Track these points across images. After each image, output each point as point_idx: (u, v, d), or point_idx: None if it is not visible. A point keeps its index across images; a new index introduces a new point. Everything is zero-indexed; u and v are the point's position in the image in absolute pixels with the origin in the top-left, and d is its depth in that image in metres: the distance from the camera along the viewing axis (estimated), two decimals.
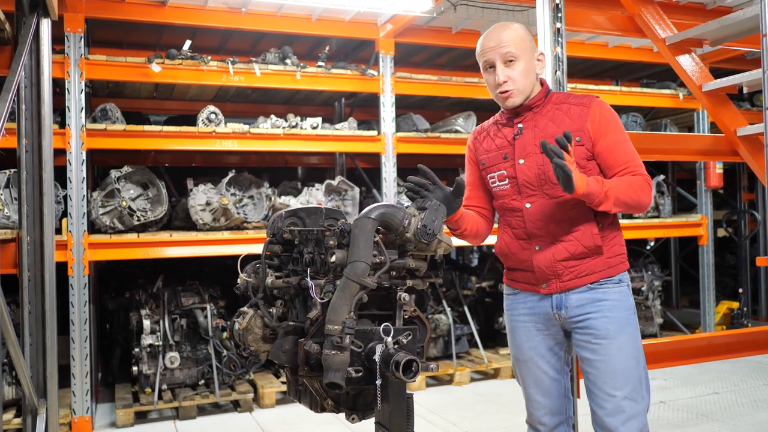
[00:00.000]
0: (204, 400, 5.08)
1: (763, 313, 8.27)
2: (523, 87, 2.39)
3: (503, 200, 2.48)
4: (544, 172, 2.36)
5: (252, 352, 2.18)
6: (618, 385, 2.31)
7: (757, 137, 3.59)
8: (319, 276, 2.05)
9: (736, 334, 4.69)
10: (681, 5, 4.63)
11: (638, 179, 2.31)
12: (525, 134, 2.41)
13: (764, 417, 4.63)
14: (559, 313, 2.40)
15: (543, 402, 2.49)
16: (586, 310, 2.36)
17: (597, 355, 2.34)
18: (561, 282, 2.38)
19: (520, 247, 2.44)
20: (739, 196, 8.89)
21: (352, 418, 2.08)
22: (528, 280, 2.46)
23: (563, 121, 2.37)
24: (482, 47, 2.45)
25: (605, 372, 2.32)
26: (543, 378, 2.48)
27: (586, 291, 2.37)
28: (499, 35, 2.41)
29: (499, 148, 2.48)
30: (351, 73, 5.67)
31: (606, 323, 2.33)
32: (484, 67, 2.45)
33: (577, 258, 2.36)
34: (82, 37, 4.78)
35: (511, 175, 2.42)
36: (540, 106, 2.43)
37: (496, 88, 2.41)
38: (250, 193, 5.57)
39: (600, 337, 2.33)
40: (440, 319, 6.04)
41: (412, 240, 2.05)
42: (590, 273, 2.36)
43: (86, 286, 4.72)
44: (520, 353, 2.53)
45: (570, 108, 2.39)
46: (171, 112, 6.65)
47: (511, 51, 2.37)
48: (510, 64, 2.38)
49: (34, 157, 3.54)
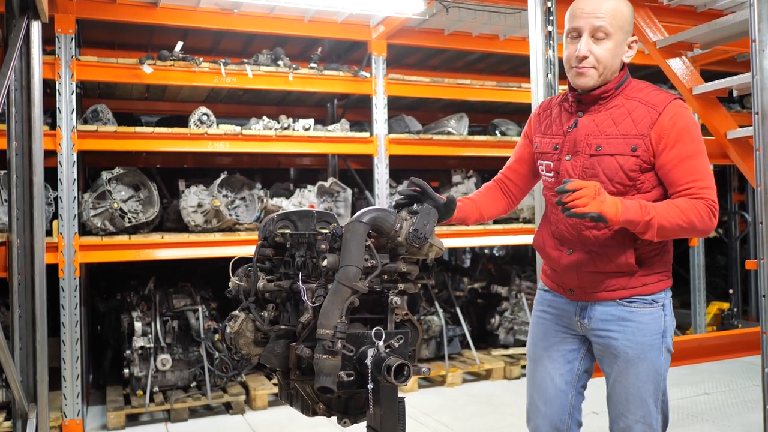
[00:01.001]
0: (196, 403, 5.06)
1: (753, 314, 8.32)
2: (603, 69, 2.14)
3: (547, 193, 2.35)
4: (589, 176, 2.16)
5: (244, 355, 2.18)
6: (631, 408, 2.24)
7: (746, 140, 3.62)
8: (310, 280, 2.05)
9: (726, 335, 4.73)
10: (671, 8, 4.64)
11: (697, 203, 2.04)
12: (580, 129, 2.20)
13: (755, 418, 4.66)
14: (582, 321, 2.30)
15: (543, 410, 2.40)
16: (609, 327, 2.24)
17: (614, 373, 2.26)
18: (586, 292, 2.27)
19: (553, 246, 2.32)
20: (730, 197, 8.94)
21: (343, 421, 2.08)
22: (557, 281, 2.36)
23: (624, 122, 2.13)
24: (575, 10, 2.16)
25: (621, 393, 2.26)
26: (548, 384, 2.39)
27: (613, 306, 2.23)
28: (599, 2, 2.12)
29: (553, 136, 2.29)
30: (343, 74, 5.67)
31: (626, 347, 2.21)
32: (568, 33, 2.18)
33: (607, 274, 2.21)
34: (73, 38, 4.76)
35: (556, 170, 2.25)
36: (608, 98, 2.18)
37: (573, 60, 2.15)
38: (242, 195, 5.56)
39: (619, 359, 2.23)
40: (432, 321, 6.04)
41: (403, 244, 2.05)
42: (620, 288, 2.21)
43: (77, 288, 4.70)
44: (533, 350, 2.45)
45: (637, 107, 2.13)
46: (163, 113, 6.63)
47: (605, 26, 2.11)
48: (599, 40, 2.12)
49: (25, 160, 3.53)
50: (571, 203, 1.95)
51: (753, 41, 2.65)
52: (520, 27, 5.79)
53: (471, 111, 6.52)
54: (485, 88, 6.15)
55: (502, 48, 6.30)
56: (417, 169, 7.36)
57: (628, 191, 2.14)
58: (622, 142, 2.12)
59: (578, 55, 2.12)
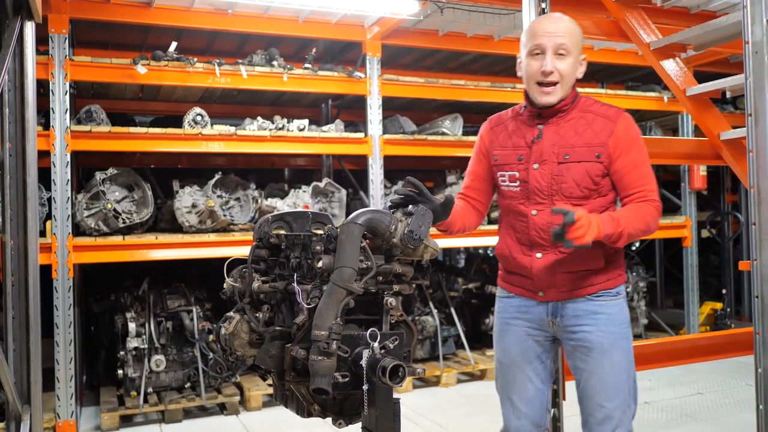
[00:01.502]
0: (190, 404, 5.05)
1: (746, 314, 8.36)
2: (565, 84, 2.32)
3: (510, 201, 2.44)
4: (558, 182, 2.31)
5: (238, 356, 2.18)
6: (609, 396, 2.34)
7: (740, 141, 3.63)
8: (305, 281, 2.05)
9: (719, 335, 4.75)
10: (665, 9, 4.65)
11: (648, 207, 2.29)
12: (544, 140, 2.35)
13: (747, 417, 4.68)
14: (554, 320, 2.40)
15: (525, 411, 2.46)
16: (581, 322, 2.36)
17: (589, 366, 2.37)
18: (559, 291, 2.38)
19: (521, 252, 2.41)
20: (723, 198, 8.98)
21: (338, 422, 2.08)
22: (525, 285, 2.45)
23: (585, 132, 2.32)
24: (536, 29, 2.33)
25: (596, 384, 2.36)
26: (528, 386, 2.46)
27: (583, 302, 2.37)
28: (558, 23, 2.32)
29: (515, 148, 2.41)
30: (338, 75, 5.67)
31: (601, 338, 2.34)
32: (530, 51, 2.33)
33: (574, 272, 2.35)
34: (67, 38, 4.74)
35: (523, 179, 2.37)
36: (566, 111, 2.36)
37: (537, 77, 2.30)
38: (237, 195, 5.55)
39: (594, 350, 2.34)
40: (427, 321, 6.05)
41: (398, 245, 2.06)
42: (590, 285, 2.36)
43: (71, 289, 4.69)
44: (507, 357, 2.50)
45: (595, 119, 2.33)
46: (157, 113, 6.61)
47: (566, 43, 2.29)
48: (561, 56, 2.30)
49: (18, 161, 3.52)
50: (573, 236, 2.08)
51: (746, 43, 2.66)
52: (514, 28, 5.80)
53: (465, 111, 6.52)
54: (480, 89, 6.16)
55: (496, 49, 6.32)
56: (411, 169, 7.36)
57: (591, 195, 2.33)
58: (587, 150, 2.30)
59: (545, 70, 2.28)
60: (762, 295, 2.59)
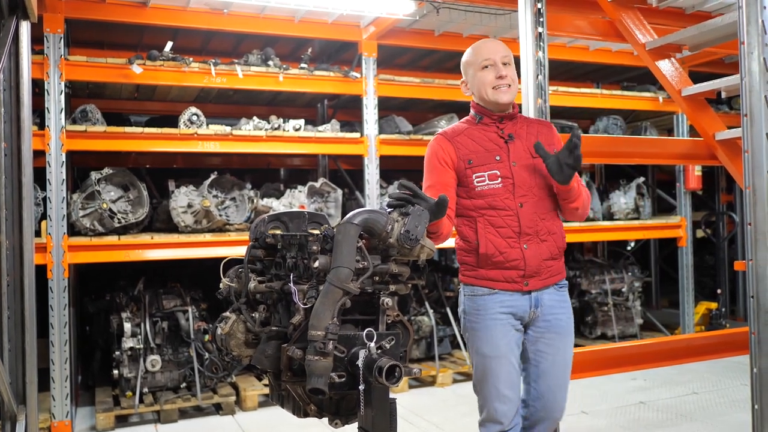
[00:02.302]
0: (186, 404, 5.05)
1: (741, 314, 8.38)
2: (515, 89, 2.65)
3: (491, 199, 2.58)
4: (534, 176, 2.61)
5: (235, 356, 2.18)
6: (567, 372, 2.69)
7: (735, 141, 3.64)
8: (302, 281, 2.05)
9: (714, 335, 4.75)
10: (660, 10, 4.66)
11: (588, 192, 2.72)
12: (516, 141, 2.64)
13: (743, 417, 4.69)
14: (535, 310, 2.62)
15: (510, 396, 2.60)
16: (555, 310, 2.65)
17: (554, 349, 2.64)
18: (540, 280, 2.61)
19: (508, 245, 2.57)
20: (718, 198, 9.00)
21: (335, 423, 2.08)
22: (511, 278, 2.58)
23: (539, 136, 2.67)
24: (482, 49, 2.68)
25: (560, 363, 2.66)
26: (513, 373, 2.61)
27: (554, 292, 2.66)
28: (497, 44, 2.70)
29: (489, 150, 2.62)
30: (334, 75, 5.67)
31: (567, 323, 2.68)
32: (481, 66, 2.64)
33: (553, 258, 2.64)
34: (62, 38, 4.73)
35: (506, 176, 2.59)
36: (516, 119, 2.70)
37: (494, 82, 2.61)
38: (233, 195, 5.55)
39: (562, 334, 2.66)
40: (423, 321, 6.05)
41: (395, 245, 2.06)
42: (557, 274, 2.67)
43: (66, 289, 4.67)
44: (495, 350, 2.60)
45: (539, 127, 2.73)
46: (152, 113, 6.60)
47: (508, 57, 2.65)
48: (507, 66, 2.63)
49: (13, 161, 3.50)
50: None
51: (742, 43, 2.67)
52: (510, 28, 5.81)
53: (461, 112, 6.50)
54: None
55: None
56: (407, 169, 7.36)
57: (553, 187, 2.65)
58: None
59: (501, 74, 2.60)
60: (757, 295, 2.60)
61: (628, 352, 3.83)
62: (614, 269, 7.23)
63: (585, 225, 6.34)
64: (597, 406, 5.02)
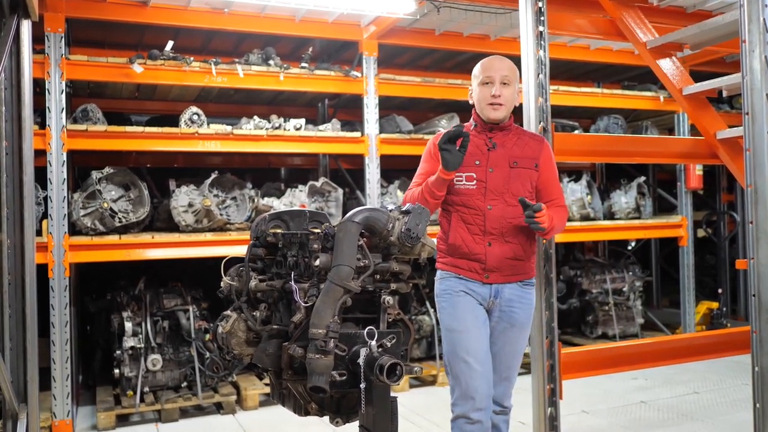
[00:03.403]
0: (186, 403, 5.05)
1: (741, 313, 8.38)
2: (509, 107, 2.92)
3: (465, 197, 2.88)
4: (508, 183, 2.87)
5: (236, 355, 2.18)
6: (515, 361, 2.97)
7: (736, 140, 3.64)
8: (303, 279, 2.05)
9: (715, 334, 4.75)
10: (661, 8, 4.66)
11: (565, 211, 3.01)
12: (498, 150, 2.90)
13: (744, 416, 4.69)
14: (494, 300, 2.88)
15: (480, 371, 2.78)
16: (513, 304, 2.90)
17: (508, 338, 2.91)
18: (502, 276, 2.87)
19: (473, 241, 2.85)
20: (719, 197, 8.99)
21: (336, 421, 2.08)
22: (474, 269, 2.87)
23: (524, 149, 2.93)
24: (487, 65, 2.95)
25: (510, 352, 2.93)
26: (482, 347, 2.82)
27: (516, 288, 2.91)
28: (502, 62, 2.95)
29: (471, 154, 2.87)
30: (334, 74, 5.67)
31: (523, 318, 2.93)
32: (482, 82, 2.93)
33: (517, 259, 2.88)
34: (63, 37, 4.73)
35: (481, 179, 2.86)
36: (508, 130, 2.96)
37: (489, 99, 2.89)
38: (233, 195, 5.54)
39: (517, 326, 2.92)
40: (423, 320, 6.05)
41: (396, 243, 2.06)
42: (522, 273, 2.92)
43: (67, 288, 4.67)
44: (462, 324, 2.83)
45: (529, 140, 2.98)
46: (153, 112, 6.60)
47: (509, 76, 2.91)
48: (504, 86, 2.89)
49: (15, 160, 3.51)
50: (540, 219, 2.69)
51: (743, 42, 2.67)
52: (511, 27, 5.81)
53: (462, 111, 6.52)
54: None
55: (493, 48, 6.30)
56: (408, 168, 7.31)
57: (530, 196, 2.91)
58: (529, 160, 2.92)
59: (495, 94, 2.88)
60: (759, 294, 2.60)
61: (628, 352, 3.83)
62: (615, 269, 7.22)
63: (586, 224, 6.33)
64: (598, 406, 5.01)
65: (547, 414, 3.34)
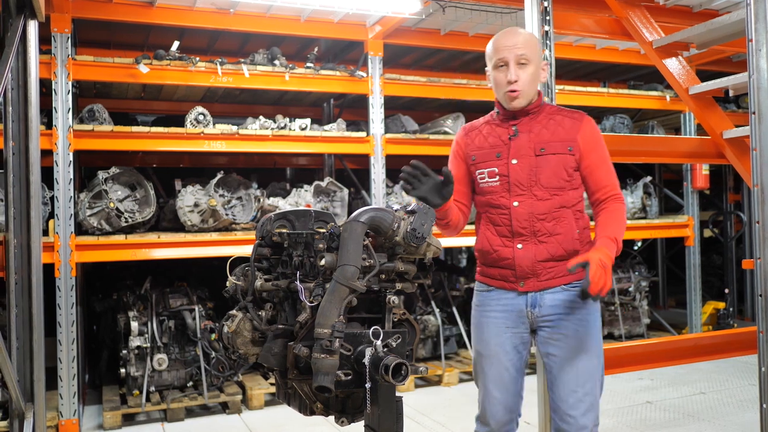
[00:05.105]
0: (192, 402, 5.06)
1: (748, 313, 8.34)
2: (529, 90, 2.51)
3: (490, 197, 2.57)
4: (536, 173, 2.48)
5: (241, 355, 2.18)
6: (581, 381, 2.48)
7: (742, 140, 3.63)
8: (308, 279, 2.05)
9: (722, 335, 4.73)
10: (668, 8, 4.65)
11: (620, 206, 2.52)
12: (521, 137, 2.53)
13: (750, 417, 4.67)
14: (532, 311, 2.52)
15: (499, 398, 2.55)
16: (558, 311, 2.50)
17: (565, 353, 2.50)
18: (539, 281, 2.50)
19: (502, 244, 2.54)
20: (725, 197, 8.96)
21: (341, 421, 2.08)
22: (505, 277, 2.55)
23: (556, 130, 2.51)
24: (497, 45, 2.54)
25: (570, 371, 2.49)
26: (504, 374, 2.55)
27: (560, 292, 2.51)
28: (515, 37, 2.53)
29: (492, 147, 2.58)
30: (340, 74, 5.67)
31: (576, 325, 2.49)
32: (495, 65, 2.54)
33: (556, 260, 2.49)
34: (69, 38, 4.75)
35: (503, 173, 2.52)
36: (536, 113, 2.56)
37: (505, 86, 2.51)
38: (239, 195, 5.55)
39: (570, 337, 2.49)
40: (429, 320, 6.05)
41: (401, 243, 2.06)
42: (566, 274, 2.48)
43: (73, 287, 4.69)
44: (485, 348, 2.59)
45: (563, 119, 2.54)
46: (159, 112, 6.62)
47: (526, 54, 2.49)
48: (522, 66, 2.49)
49: (21, 160, 3.53)
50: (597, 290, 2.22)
51: (750, 41, 2.66)
52: (516, 26, 5.79)
53: (467, 111, 6.52)
54: (481, 88, 6.15)
55: None
56: None
57: (566, 186, 2.50)
58: (560, 144, 2.50)
59: (510, 80, 2.48)
60: (765, 294, 2.59)
61: (635, 352, 3.81)
62: (621, 269, 7.21)
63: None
64: (604, 406, 5.00)
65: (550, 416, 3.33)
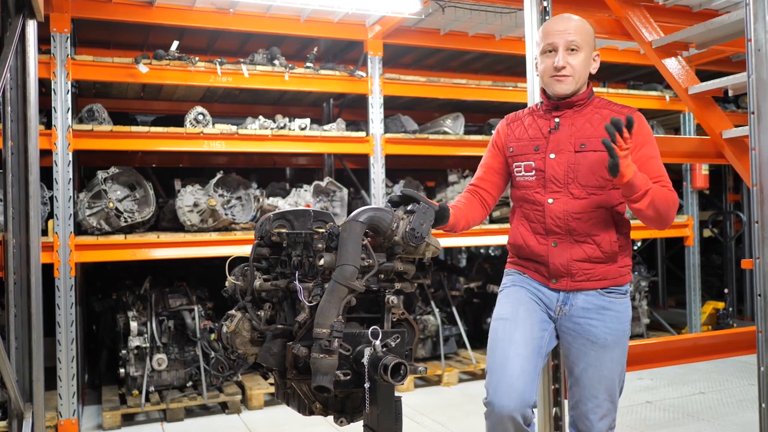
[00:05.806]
0: (192, 402, 5.06)
1: (748, 313, 8.34)
2: (578, 77, 2.41)
3: (525, 191, 2.49)
4: (574, 170, 2.38)
5: (240, 355, 2.18)
6: (602, 389, 2.42)
7: (742, 140, 3.63)
8: (307, 279, 2.05)
9: (721, 334, 4.73)
10: (667, 8, 4.65)
11: (672, 195, 2.34)
12: (561, 130, 2.43)
13: (749, 417, 4.67)
14: (563, 307, 2.45)
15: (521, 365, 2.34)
16: (590, 315, 2.42)
17: (589, 359, 2.42)
18: (572, 281, 2.42)
19: (536, 241, 2.46)
20: (725, 197, 8.96)
21: (340, 421, 2.08)
22: (540, 271, 2.48)
23: (601, 125, 2.37)
24: (548, 29, 2.45)
25: (593, 376, 2.42)
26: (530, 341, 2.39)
27: (594, 295, 2.42)
28: (568, 22, 2.44)
29: (532, 139, 2.49)
30: (339, 74, 5.67)
31: (606, 334, 2.40)
32: (544, 50, 2.45)
33: (594, 261, 2.40)
34: (69, 38, 4.74)
35: (539, 168, 2.43)
36: (581, 106, 2.46)
37: (551, 71, 2.41)
38: (238, 194, 5.55)
39: (598, 345, 2.41)
40: (428, 320, 6.05)
41: (400, 243, 2.06)
42: (603, 278, 2.41)
43: (73, 287, 4.69)
44: (512, 312, 2.45)
45: (610, 114, 2.39)
46: (158, 112, 6.61)
47: (576, 40, 2.40)
48: (572, 52, 2.40)
49: (20, 159, 3.53)
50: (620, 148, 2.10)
51: (749, 41, 2.66)
52: (516, 27, 5.80)
53: (467, 111, 6.52)
54: (481, 88, 6.15)
55: (498, 48, 6.31)
56: (413, 168, 7.36)
57: (606, 185, 2.38)
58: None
59: (557, 65, 2.38)
60: (765, 294, 2.59)
61: (634, 352, 3.80)
62: None
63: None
64: None
65: (552, 414, 3.33)
